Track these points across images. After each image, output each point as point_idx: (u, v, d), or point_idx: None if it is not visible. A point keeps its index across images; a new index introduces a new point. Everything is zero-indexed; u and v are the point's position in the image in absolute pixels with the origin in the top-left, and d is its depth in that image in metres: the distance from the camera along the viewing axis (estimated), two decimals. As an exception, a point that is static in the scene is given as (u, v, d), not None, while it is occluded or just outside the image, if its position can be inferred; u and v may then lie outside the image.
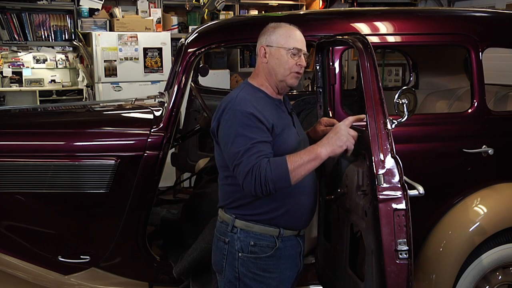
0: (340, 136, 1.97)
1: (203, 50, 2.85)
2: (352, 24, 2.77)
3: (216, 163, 2.15)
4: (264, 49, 2.10)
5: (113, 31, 6.11)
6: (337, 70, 2.62)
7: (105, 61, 5.85)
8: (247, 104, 1.97)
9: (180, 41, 3.36)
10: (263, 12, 7.18)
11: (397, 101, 2.00)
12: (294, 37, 2.10)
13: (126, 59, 5.93)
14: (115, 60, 5.88)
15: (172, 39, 6.22)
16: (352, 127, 2.04)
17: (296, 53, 2.08)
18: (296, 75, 2.10)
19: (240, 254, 2.04)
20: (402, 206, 1.86)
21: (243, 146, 1.91)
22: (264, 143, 1.94)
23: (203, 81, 4.43)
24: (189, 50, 2.83)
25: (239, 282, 2.06)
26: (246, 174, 1.88)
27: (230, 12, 6.99)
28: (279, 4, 7.33)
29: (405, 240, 1.85)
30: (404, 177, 1.89)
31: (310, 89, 7.02)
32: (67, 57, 6.75)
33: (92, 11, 6.40)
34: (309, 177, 2.07)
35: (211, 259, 2.20)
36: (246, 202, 2.04)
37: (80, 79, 6.42)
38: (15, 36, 6.24)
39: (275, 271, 2.07)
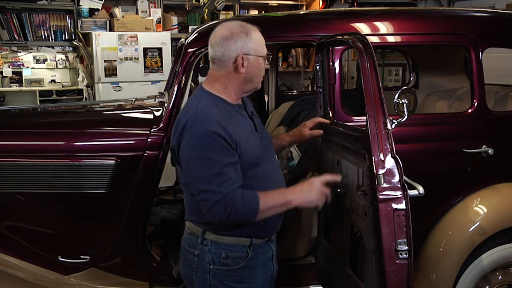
0: (313, 192, 1.95)
1: (203, 50, 2.84)
2: (352, 24, 2.77)
3: (180, 182, 2.06)
4: (243, 59, 1.90)
5: (113, 31, 6.12)
6: (337, 70, 2.62)
7: (105, 61, 5.85)
8: (209, 121, 1.83)
9: (180, 41, 3.36)
10: (263, 12, 7.19)
11: (397, 101, 2.00)
12: (263, 41, 1.97)
13: (126, 59, 5.93)
14: (115, 60, 5.88)
15: (172, 39, 6.23)
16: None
17: (268, 58, 2.00)
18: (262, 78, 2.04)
19: (211, 266, 1.96)
20: (402, 206, 1.86)
21: (209, 171, 1.81)
22: (231, 165, 1.85)
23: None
24: (189, 50, 2.83)
25: None
26: (215, 203, 1.81)
27: (230, 12, 6.99)
28: (279, 4, 7.34)
29: (405, 240, 1.85)
30: (404, 177, 1.88)
31: (310, 89, 7.02)
32: (67, 57, 6.76)
33: (92, 11, 6.41)
34: (280, 185, 2.05)
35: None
36: None
37: (80, 79, 6.42)
38: (15, 36, 6.25)
39: (247, 281, 2.00)
